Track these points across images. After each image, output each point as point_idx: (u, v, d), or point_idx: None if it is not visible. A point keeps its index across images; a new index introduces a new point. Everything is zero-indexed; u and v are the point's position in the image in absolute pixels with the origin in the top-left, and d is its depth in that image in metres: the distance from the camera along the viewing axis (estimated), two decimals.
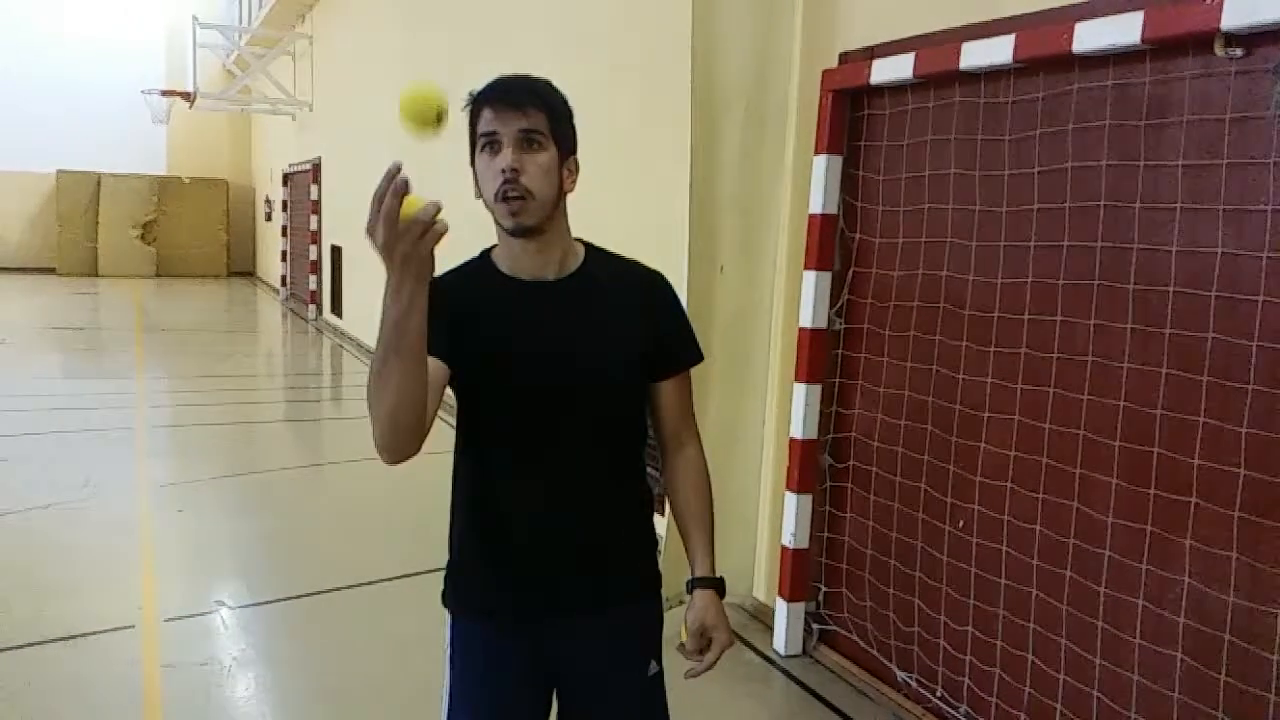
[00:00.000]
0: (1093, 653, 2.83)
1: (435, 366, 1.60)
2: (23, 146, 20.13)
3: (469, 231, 1.77)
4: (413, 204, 1.35)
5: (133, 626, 4.08)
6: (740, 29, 3.96)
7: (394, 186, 1.33)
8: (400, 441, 1.54)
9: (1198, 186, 2.55)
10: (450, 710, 1.87)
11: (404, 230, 1.35)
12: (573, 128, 1.75)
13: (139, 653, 3.87)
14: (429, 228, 1.36)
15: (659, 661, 1.91)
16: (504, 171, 1.64)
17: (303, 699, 3.64)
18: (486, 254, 1.81)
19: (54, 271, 20.53)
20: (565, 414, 1.75)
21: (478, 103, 1.69)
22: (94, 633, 4.00)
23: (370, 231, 1.36)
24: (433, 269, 1.43)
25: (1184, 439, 2.57)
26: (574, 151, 1.75)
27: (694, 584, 1.87)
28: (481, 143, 1.68)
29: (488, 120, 1.67)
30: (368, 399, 1.52)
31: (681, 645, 1.86)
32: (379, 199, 1.34)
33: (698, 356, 1.91)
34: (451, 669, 1.88)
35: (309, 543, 5.34)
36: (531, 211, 1.67)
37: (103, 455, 6.88)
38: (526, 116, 1.65)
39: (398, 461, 1.59)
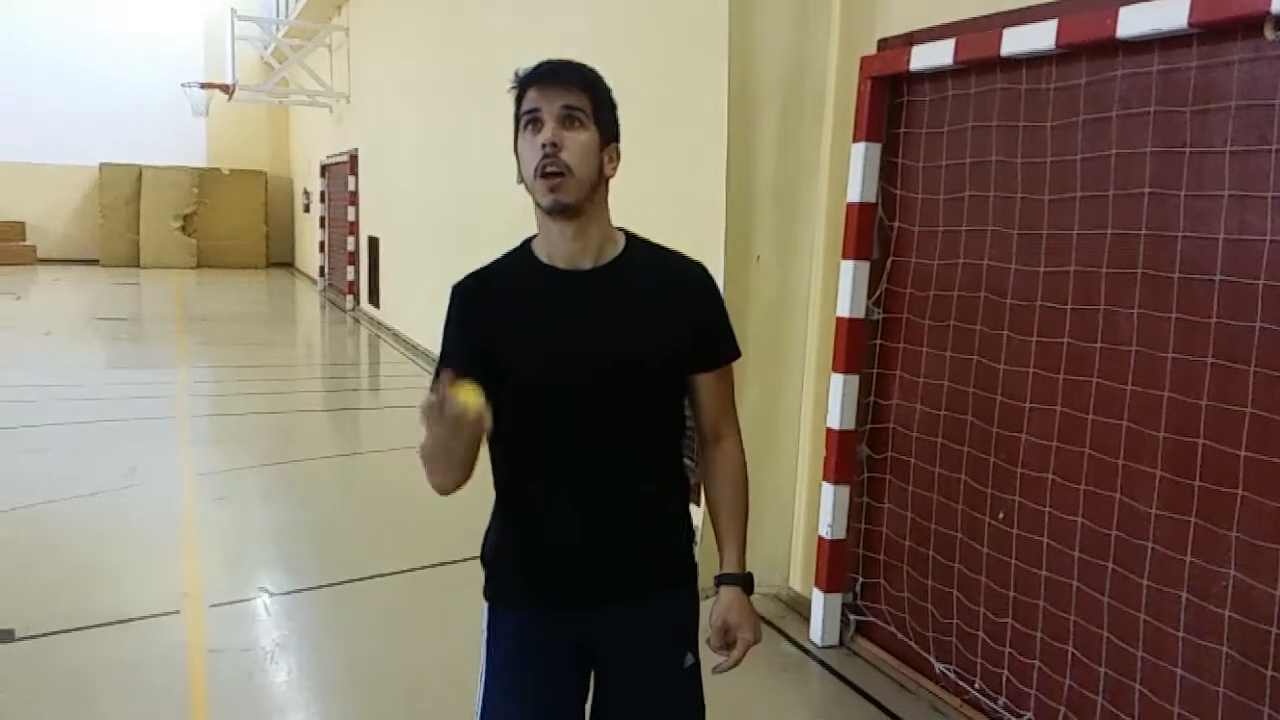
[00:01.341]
0: (1134, 645, 2.79)
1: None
2: (66, 140, 20.48)
3: (494, 238, 1.78)
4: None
5: (178, 612, 4.16)
6: (777, 16, 3.93)
7: (424, 411, 1.52)
8: (450, 487, 1.74)
9: (1246, 173, 2.50)
10: (485, 695, 1.89)
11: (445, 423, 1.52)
12: (616, 117, 1.75)
13: (184, 637, 3.95)
14: (470, 425, 1.54)
15: (695, 653, 1.91)
16: (544, 146, 1.64)
17: (343, 684, 3.69)
18: (527, 242, 1.81)
19: (97, 263, 20.88)
20: (597, 407, 1.74)
21: (523, 84, 1.70)
22: (140, 618, 4.08)
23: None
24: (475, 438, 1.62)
25: (1230, 430, 2.53)
26: (616, 139, 1.74)
27: (720, 580, 1.87)
28: (524, 120, 1.69)
29: (531, 99, 1.68)
30: (420, 456, 1.69)
31: (708, 640, 1.86)
32: (425, 411, 1.52)
33: (737, 352, 1.88)
34: (488, 655, 1.89)
35: (348, 530, 5.41)
36: (569, 189, 1.66)
37: (146, 444, 6.99)
38: (569, 94, 1.67)
39: (448, 494, 1.76)
